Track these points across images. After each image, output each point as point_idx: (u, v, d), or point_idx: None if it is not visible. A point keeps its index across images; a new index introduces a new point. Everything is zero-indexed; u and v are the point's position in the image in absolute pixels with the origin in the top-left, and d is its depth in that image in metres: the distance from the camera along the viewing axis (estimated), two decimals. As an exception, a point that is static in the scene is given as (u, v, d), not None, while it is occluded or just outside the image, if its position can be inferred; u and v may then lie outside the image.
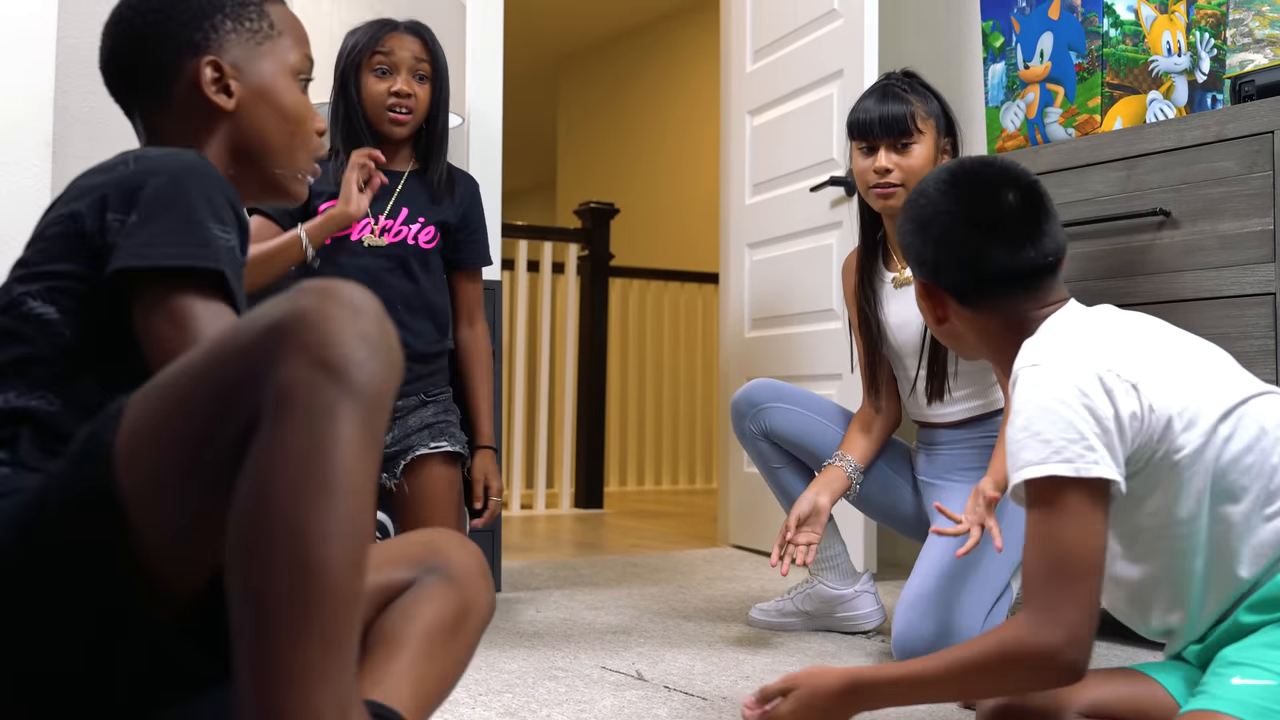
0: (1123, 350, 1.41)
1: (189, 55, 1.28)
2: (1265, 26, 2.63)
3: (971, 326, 1.55)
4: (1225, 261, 2.22)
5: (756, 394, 2.57)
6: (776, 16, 3.80)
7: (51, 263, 1.14)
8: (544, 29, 8.15)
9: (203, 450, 0.92)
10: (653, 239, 7.89)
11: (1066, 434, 1.33)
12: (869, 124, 2.35)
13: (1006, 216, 1.51)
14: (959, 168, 1.57)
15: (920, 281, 1.58)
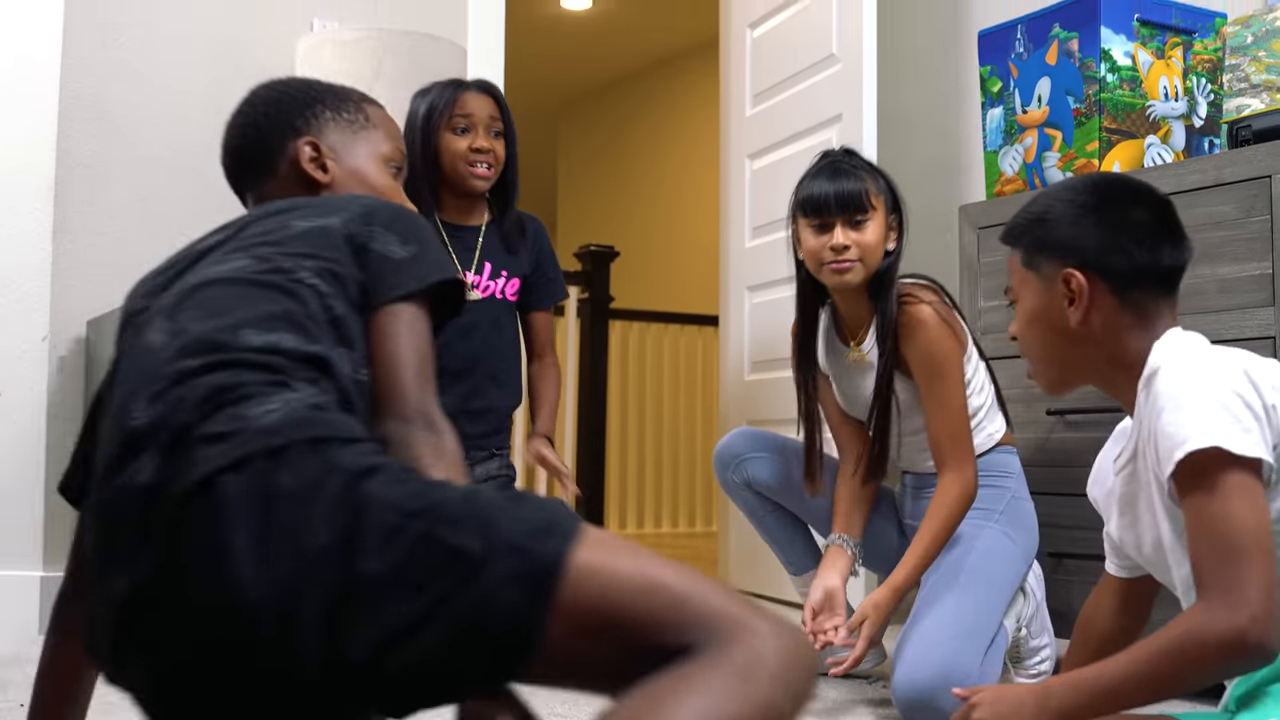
0: (1248, 358, 1.44)
1: (291, 137, 1.50)
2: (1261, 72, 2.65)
3: (1109, 327, 1.55)
4: (1225, 305, 2.22)
5: (736, 445, 2.57)
6: (776, 61, 3.83)
7: (319, 251, 1.27)
8: (544, 75, 8.21)
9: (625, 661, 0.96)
10: (652, 281, 7.91)
11: (1223, 415, 1.35)
12: (825, 202, 2.30)
13: (1168, 215, 1.58)
14: (1101, 177, 1.66)
15: (1073, 270, 1.55)
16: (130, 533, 1.06)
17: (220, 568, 1.00)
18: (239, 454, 1.04)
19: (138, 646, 1.07)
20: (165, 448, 1.07)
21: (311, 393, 1.13)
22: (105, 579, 1.09)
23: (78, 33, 3.14)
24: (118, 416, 1.14)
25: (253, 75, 3.41)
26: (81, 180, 3.13)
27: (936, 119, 3.80)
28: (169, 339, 1.19)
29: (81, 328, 3.09)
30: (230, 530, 1.01)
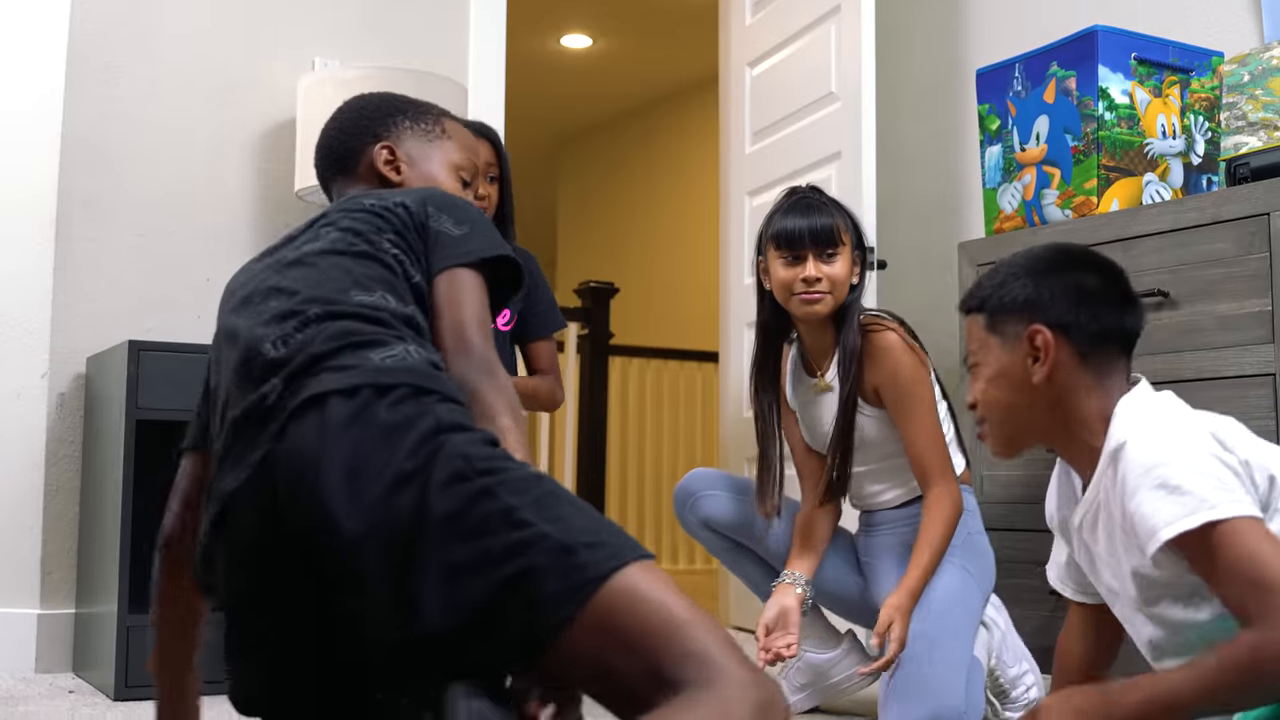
0: (1212, 418, 1.45)
1: (371, 141, 1.64)
2: (1259, 110, 2.66)
3: (1069, 387, 1.57)
4: (1225, 342, 2.22)
5: (692, 484, 2.59)
6: (775, 99, 3.85)
7: (392, 230, 1.44)
8: (544, 112, 8.24)
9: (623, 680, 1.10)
10: (652, 318, 7.91)
11: (1205, 482, 1.36)
12: (798, 236, 2.37)
13: (1125, 286, 1.63)
14: (1061, 245, 1.70)
15: (1039, 327, 1.58)
16: (249, 440, 1.23)
17: (311, 475, 1.15)
18: (353, 382, 1.20)
19: (225, 544, 1.23)
20: (295, 372, 1.24)
21: (424, 348, 1.30)
22: (217, 482, 1.26)
23: (80, 72, 3.16)
24: (247, 359, 1.30)
25: (254, 114, 3.47)
26: (82, 218, 3.14)
27: (935, 156, 3.82)
28: (285, 299, 1.35)
29: (81, 365, 3.09)
30: (326, 443, 1.16)
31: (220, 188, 3.33)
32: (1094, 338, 1.57)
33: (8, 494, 3.01)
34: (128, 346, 2.71)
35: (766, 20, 3.92)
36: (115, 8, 3.22)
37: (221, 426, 1.32)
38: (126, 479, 2.66)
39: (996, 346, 1.62)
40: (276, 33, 3.42)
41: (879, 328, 2.41)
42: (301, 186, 3.15)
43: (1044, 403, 1.59)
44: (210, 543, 1.25)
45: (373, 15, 3.55)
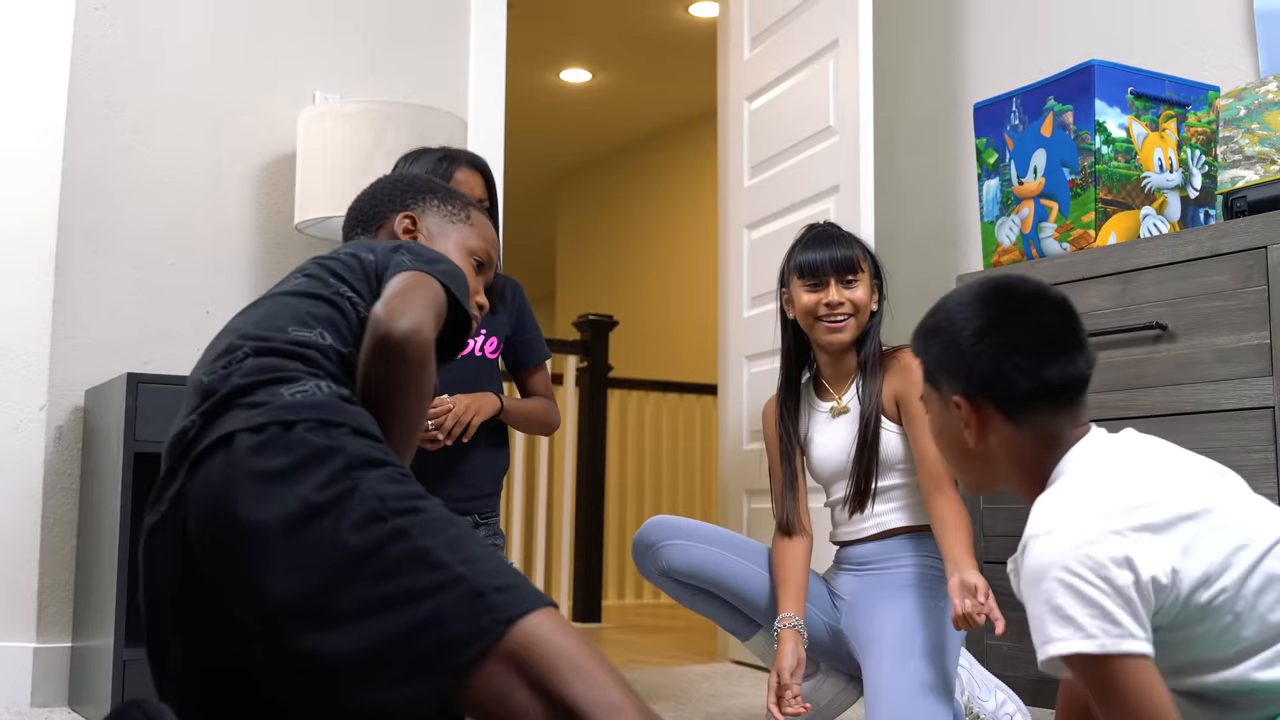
0: (1143, 503, 1.39)
1: (398, 209, 1.75)
2: (1255, 144, 2.67)
3: (1008, 447, 1.53)
4: (1223, 375, 2.22)
5: (650, 534, 2.56)
6: (773, 133, 3.86)
7: (351, 276, 1.52)
8: (544, 146, 8.27)
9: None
10: (651, 351, 7.92)
11: (1087, 610, 1.32)
12: (820, 265, 2.46)
13: (1059, 327, 1.52)
14: (989, 285, 1.57)
15: (960, 399, 1.54)
16: (169, 474, 1.29)
17: (220, 512, 1.19)
18: (260, 420, 1.24)
19: (145, 575, 1.31)
20: (212, 409, 1.29)
21: (339, 386, 1.33)
22: (147, 508, 1.33)
23: (81, 105, 3.17)
24: (189, 394, 1.39)
25: (254, 147, 3.48)
26: (82, 251, 3.14)
27: (933, 190, 3.83)
28: (230, 336, 1.45)
29: (80, 397, 3.09)
30: (232, 480, 1.20)
31: (220, 221, 3.34)
32: (1020, 402, 1.51)
33: (5, 526, 3.00)
34: (126, 379, 2.71)
35: (765, 55, 3.94)
36: (116, 42, 3.24)
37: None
38: (124, 512, 2.65)
39: (935, 400, 1.59)
40: (276, 66, 3.44)
41: (905, 349, 2.47)
42: (301, 219, 3.16)
43: (985, 460, 1.56)
44: (136, 571, 1.34)
45: (373, 49, 3.57)
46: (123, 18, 3.25)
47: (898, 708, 2.22)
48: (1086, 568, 1.33)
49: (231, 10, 3.40)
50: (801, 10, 3.70)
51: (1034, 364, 1.50)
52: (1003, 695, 2.45)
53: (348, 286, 1.49)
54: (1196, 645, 1.38)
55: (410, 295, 1.45)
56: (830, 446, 2.53)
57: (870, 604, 2.45)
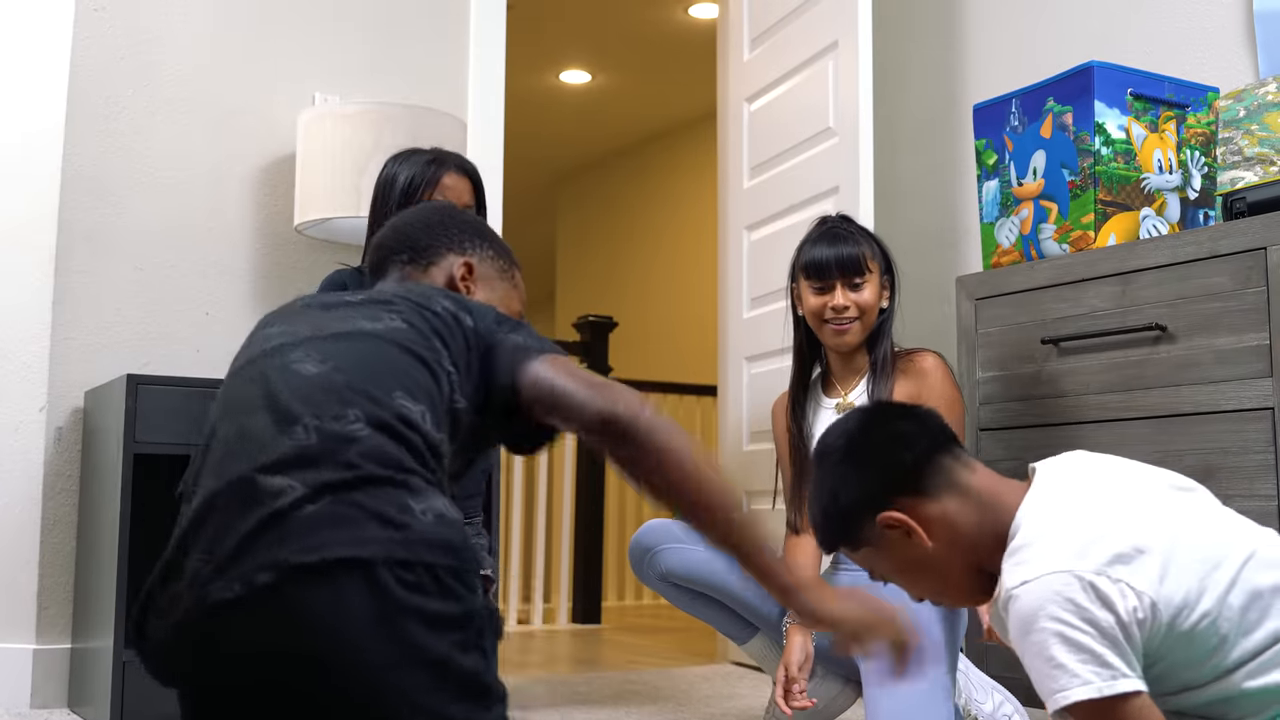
0: (1110, 539, 1.39)
1: (456, 250, 1.68)
2: (1255, 145, 2.67)
3: (955, 526, 1.52)
4: (1223, 376, 2.22)
5: (647, 539, 2.56)
6: (773, 134, 3.86)
7: (453, 342, 1.42)
8: (543, 147, 8.27)
9: None
10: (651, 352, 7.92)
11: (1078, 656, 1.33)
12: (826, 266, 2.47)
13: (888, 420, 1.62)
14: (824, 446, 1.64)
15: (884, 516, 1.53)
16: (248, 542, 1.16)
17: (324, 655, 1.13)
18: (404, 555, 1.15)
19: (193, 645, 1.18)
20: (320, 488, 1.18)
21: (450, 498, 1.24)
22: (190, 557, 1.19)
23: (80, 106, 3.17)
24: (276, 419, 1.25)
25: (254, 148, 3.48)
26: (82, 252, 3.14)
27: (933, 191, 3.83)
28: (327, 371, 1.31)
29: (79, 398, 3.09)
30: (341, 627, 1.12)
31: (220, 222, 3.34)
32: (915, 473, 1.53)
33: (4, 528, 3.00)
34: (126, 380, 2.71)
35: (764, 56, 3.94)
36: (116, 42, 3.24)
37: (205, 463, 1.29)
38: (124, 513, 2.65)
39: (876, 552, 1.58)
40: (276, 67, 3.44)
41: (920, 351, 2.52)
42: (301, 221, 3.16)
43: (953, 552, 1.54)
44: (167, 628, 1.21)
45: (373, 51, 3.57)
46: (122, 19, 3.25)
47: (902, 713, 2.21)
48: (1068, 613, 1.35)
49: (231, 12, 3.40)
50: (801, 11, 3.70)
51: (900, 441, 1.56)
52: (1000, 696, 2.45)
53: (449, 357, 1.39)
54: (1187, 670, 1.39)
55: (603, 384, 1.45)
56: None
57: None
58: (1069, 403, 2.45)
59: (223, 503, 1.22)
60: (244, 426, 1.28)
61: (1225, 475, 2.18)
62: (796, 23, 3.73)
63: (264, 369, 1.35)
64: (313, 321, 1.42)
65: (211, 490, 1.25)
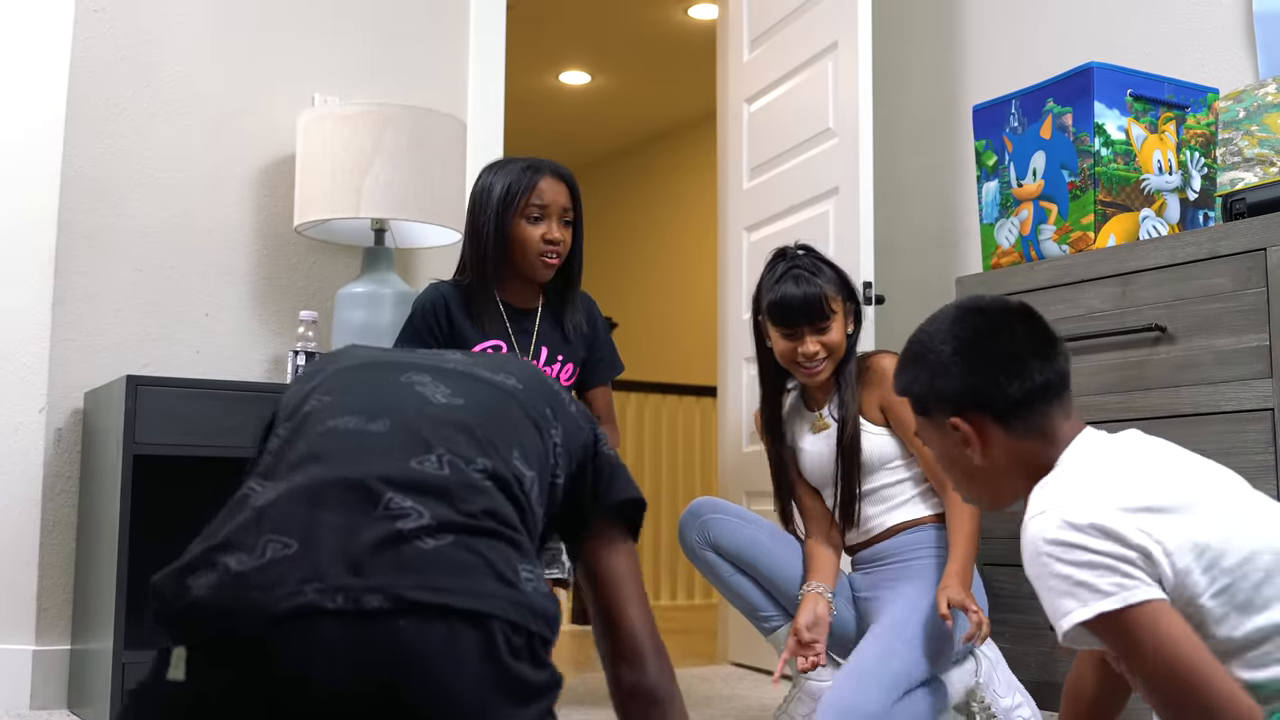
0: (1135, 488, 1.41)
1: None
2: (1254, 146, 2.67)
3: (1012, 456, 1.55)
4: (1223, 377, 2.22)
5: (702, 508, 2.65)
6: (772, 135, 3.86)
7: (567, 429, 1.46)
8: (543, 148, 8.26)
9: None
10: (651, 352, 7.92)
11: (1092, 571, 1.34)
12: (792, 313, 2.51)
13: (1031, 331, 1.58)
14: (955, 309, 1.63)
15: (957, 420, 1.56)
16: (360, 555, 1.11)
17: (430, 691, 1.09)
18: (515, 618, 1.13)
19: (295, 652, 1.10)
20: (441, 526, 1.15)
21: (538, 570, 1.22)
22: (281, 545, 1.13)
23: (80, 107, 3.17)
24: (404, 428, 1.24)
25: (253, 149, 3.48)
26: (81, 253, 3.14)
27: (933, 192, 3.83)
28: (458, 406, 1.30)
29: (79, 399, 3.09)
30: (449, 673, 1.09)
31: (219, 222, 3.34)
32: (1014, 406, 1.54)
33: (4, 529, 3.00)
34: (126, 381, 2.71)
35: (764, 57, 3.94)
36: (116, 44, 3.23)
37: (306, 445, 1.24)
38: (124, 514, 2.65)
39: (931, 428, 1.61)
40: (276, 68, 3.44)
41: (877, 355, 2.58)
42: (301, 222, 3.16)
43: (994, 474, 1.58)
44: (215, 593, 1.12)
45: (373, 51, 3.57)
46: (122, 20, 3.25)
47: (848, 681, 2.28)
48: (1079, 532, 1.36)
49: (231, 13, 3.40)
50: (801, 12, 3.70)
51: (1019, 369, 1.54)
52: (1020, 698, 2.45)
53: (560, 432, 1.41)
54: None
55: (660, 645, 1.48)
56: (817, 457, 2.63)
57: (881, 594, 2.51)
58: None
59: (333, 496, 1.17)
60: (363, 429, 1.25)
61: (1225, 476, 2.18)
62: (796, 23, 3.73)
63: (387, 378, 1.33)
64: (421, 354, 1.43)
65: (320, 479, 1.19)
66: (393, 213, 3.03)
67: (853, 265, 3.35)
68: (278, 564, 1.11)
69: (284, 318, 3.37)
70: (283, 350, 3.31)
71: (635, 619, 1.46)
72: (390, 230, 3.20)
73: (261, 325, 3.35)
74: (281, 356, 3.32)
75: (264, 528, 1.15)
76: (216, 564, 1.13)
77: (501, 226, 2.62)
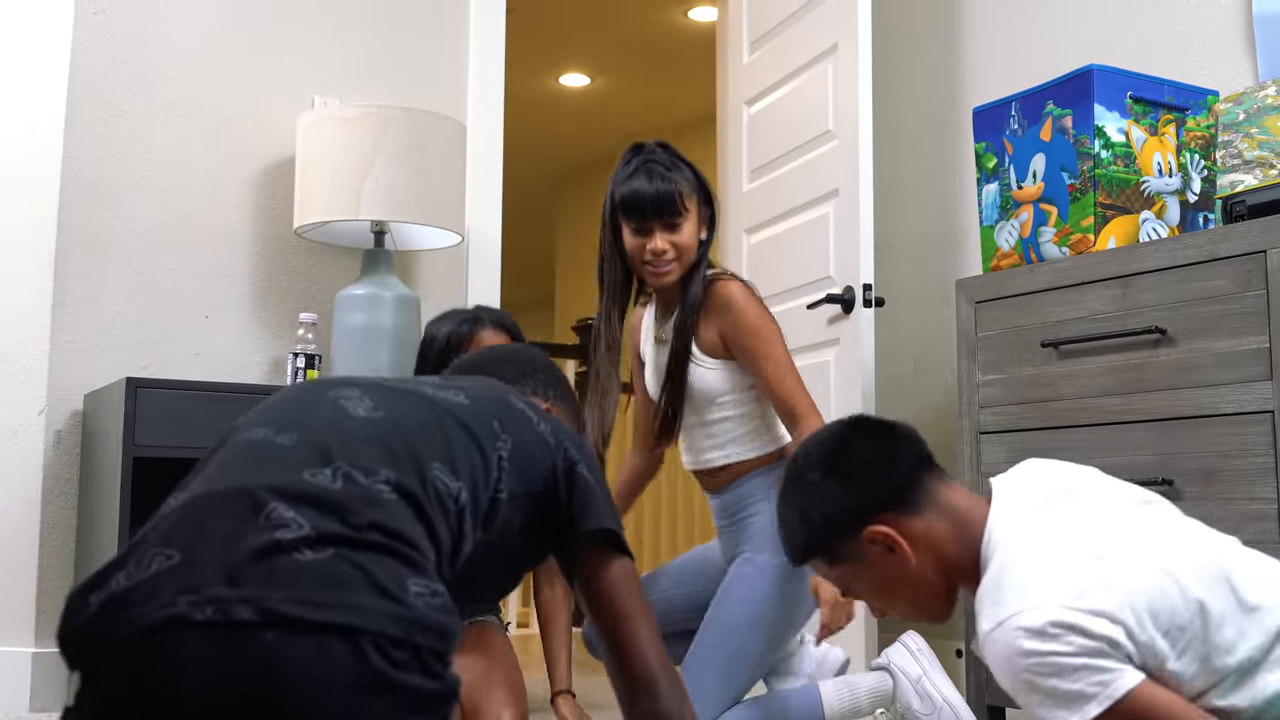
0: (1074, 566, 1.41)
1: (540, 397, 1.73)
2: (1254, 148, 2.67)
3: (935, 542, 1.55)
4: (1223, 379, 2.22)
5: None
6: (772, 137, 3.86)
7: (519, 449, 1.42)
8: (543, 149, 8.27)
9: None
10: (650, 354, 7.92)
11: (1071, 677, 1.34)
12: (643, 206, 2.45)
13: (870, 429, 1.64)
14: (796, 461, 1.65)
15: (870, 532, 1.54)
16: (236, 568, 1.10)
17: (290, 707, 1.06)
18: (395, 633, 1.10)
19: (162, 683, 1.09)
20: (327, 535, 1.14)
21: (434, 585, 1.18)
22: (163, 557, 1.13)
23: (80, 109, 3.17)
24: (305, 456, 1.22)
25: (253, 151, 3.48)
26: (81, 255, 3.14)
27: (932, 194, 3.83)
28: (376, 420, 1.30)
29: (79, 402, 3.09)
30: (315, 693, 1.07)
31: (219, 225, 3.34)
32: (905, 487, 1.55)
33: (4, 531, 3.00)
34: (125, 383, 2.71)
35: (764, 59, 3.94)
36: (115, 46, 3.24)
37: (209, 461, 1.27)
38: (123, 516, 2.65)
39: (853, 569, 1.60)
40: (276, 71, 3.44)
41: (723, 279, 2.51)
42: (301, 224, 3.16)
43: (932, 570, 1.57)
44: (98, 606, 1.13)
45: (372, 54, 3.57)
46: (122, 22, 3.25)
47: (687, 667, 2.32)
48: (1044, 639, 1.35)
49: (231, 15, 3.40)
50: (801, 14, 3.70)
51: (882, 456, 1.57)
52: (950, 707, 2.41)
53: (507, 446, 1.39)
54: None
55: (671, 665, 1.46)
56: (656, 371, 2.61)
57: (728, 574, 2.50)
58: (1069, 406, 2.45)
59: (218, 505, 1.18)
60: (270, 441, 1.26)
61: (1225, 478, 2.18)
62: (796, 26, 3.73)
63: (312, 394, 1.34)
64: (375, 377, 1.44)
65: (213, 489, 1.21)
66: (392, 215, 3.03)
67: (852, 267, 3.35)
68: (159, 576, 1.12)
69: (284, 320, 3.36)
70: (282, 352, 3.30)
71: (640, 643, 1.44)
72: (390, 232, 3.20)
73: (261, 327, 3.35)
74: (281, 359, 3.32)
75: (154, 539, 1.17)
76: (108, 581, 1.15)
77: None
